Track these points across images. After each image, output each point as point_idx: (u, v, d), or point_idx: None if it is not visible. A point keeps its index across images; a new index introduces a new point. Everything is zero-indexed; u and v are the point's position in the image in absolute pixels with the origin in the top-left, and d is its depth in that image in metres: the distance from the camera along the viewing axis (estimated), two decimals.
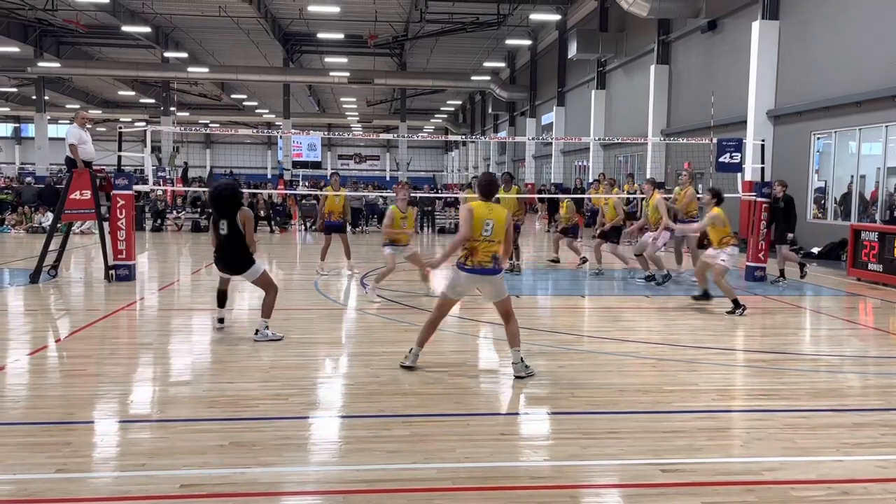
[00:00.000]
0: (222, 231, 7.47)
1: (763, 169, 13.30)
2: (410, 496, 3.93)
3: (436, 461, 4.38)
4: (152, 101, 51.09)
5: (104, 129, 51.88)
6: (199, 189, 22.58)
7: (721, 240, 9.39)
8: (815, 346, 8.23)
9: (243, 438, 4.69)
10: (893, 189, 15.03)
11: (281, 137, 53.94)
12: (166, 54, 38.69)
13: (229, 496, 3.88)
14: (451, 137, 61.25)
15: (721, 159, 13.09)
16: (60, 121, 54.64)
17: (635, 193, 17.78)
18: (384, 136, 63.31)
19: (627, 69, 28.00)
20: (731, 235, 9.50)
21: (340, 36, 35.62)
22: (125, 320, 8.82)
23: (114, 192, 11.71)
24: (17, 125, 67.53)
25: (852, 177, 16.39)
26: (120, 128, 13.00)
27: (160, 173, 30.91)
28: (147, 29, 33.85)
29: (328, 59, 41.56)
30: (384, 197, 24.63)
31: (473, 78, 40.92)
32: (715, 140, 13.86)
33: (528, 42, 38.14)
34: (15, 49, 35.77)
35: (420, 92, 48.00)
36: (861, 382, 6.54)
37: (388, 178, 60.82)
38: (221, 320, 8.03)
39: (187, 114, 53.82)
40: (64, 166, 15.97)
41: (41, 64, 36.69)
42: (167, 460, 4.31)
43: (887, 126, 14.84)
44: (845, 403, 5.77)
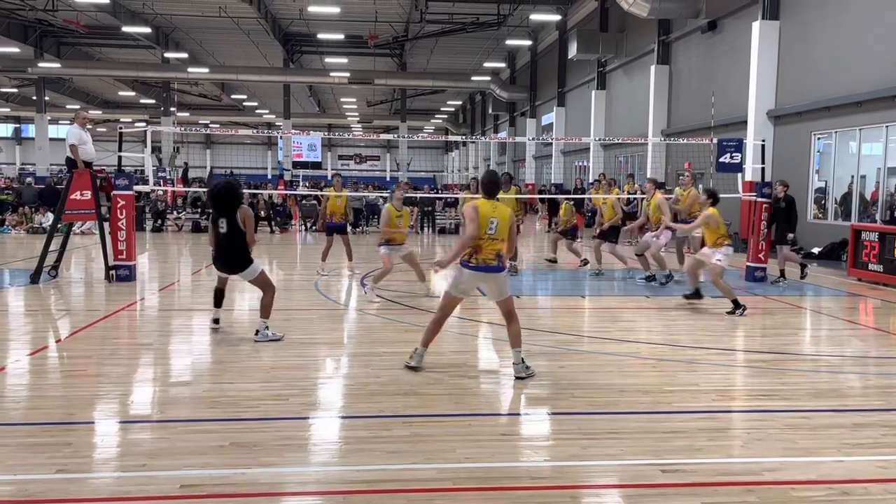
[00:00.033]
0: (221, 229, 7.46)
1: (763, 169, 13.30)
2: (411, 496, 3.93)
3: (436, 461, 4.38)
4: (152, 102, 51.07)
5: (104, 130, 51.92)
6: (200, 189, 22.58)
7: (716, 240, 9.41)
8: (816, 347, 8.23)
9: (244, 439, 4.69)
10: (894, 189, 15.02)
11: (281, 138, 53.95)
12: (166, 55, 38.67)
13: (230, 496, 3.88)
14: (452, 138, 61.20)
15: (721, 159, 13.10)
16: (61, 121, 54.64)
17: (635, 194, 17.78)
18: (384, 137, 63.22)
19: (628, 69, 27.99)
20: (726, 236, 9.52)
21: (340, 36, 35.61)
22: (125, 321, 8.82)
23: (114, 193, 11.71)
24: (18, 125, 67.52)
25: (853, 177, 16.39)
26: (120, 128, 13.00)
27: (160, 174, 30.87)
28: (147, 29, 33.85)
29: (328, 60, 41.54)
30: (384, 197, 24.62)
31: (473, 78, 40.90)
32: (715, 140, 13.87)
33: (529, 42, 38.11)
34: (15, 49, 35.75)
35: (420, 92, 47.96)
36: (861, 383, 6.54)
37: (389, 179, 60.81)
38: (217, 321, 7.99)
39: (187, 114, 53.79)
40: (64, 167, 15.97)
41: (41, 64, 36.67)
42: (167, 461, 4.32)
43: (888, 126, 14.83)
44: (846, 404, 5.77)
